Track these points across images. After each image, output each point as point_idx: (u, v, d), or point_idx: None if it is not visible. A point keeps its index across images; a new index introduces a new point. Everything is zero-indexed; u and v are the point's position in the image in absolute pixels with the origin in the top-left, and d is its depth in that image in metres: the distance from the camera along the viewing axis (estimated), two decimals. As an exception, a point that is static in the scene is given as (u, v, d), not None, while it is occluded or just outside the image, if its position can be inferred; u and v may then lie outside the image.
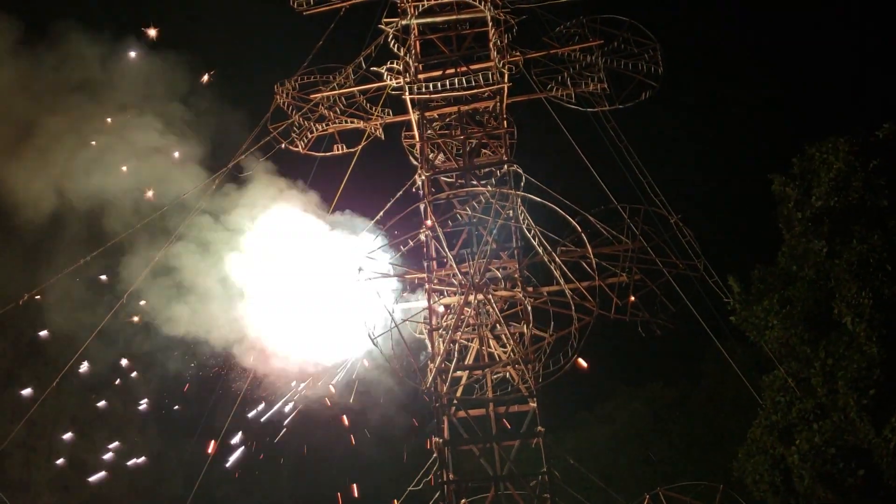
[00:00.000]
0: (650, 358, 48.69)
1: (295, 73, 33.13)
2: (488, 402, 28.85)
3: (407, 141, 33.58)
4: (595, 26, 31.56)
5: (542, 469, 26.82)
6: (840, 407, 22.16)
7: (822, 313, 23.46)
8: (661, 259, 28.98)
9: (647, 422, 45.17)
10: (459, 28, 32.22)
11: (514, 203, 28.43)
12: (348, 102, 33.05)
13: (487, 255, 27.61)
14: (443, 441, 27.23)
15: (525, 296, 28.07)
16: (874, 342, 21.33)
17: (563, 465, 30.57)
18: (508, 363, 28.27)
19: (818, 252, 23.95)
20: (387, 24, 31.55)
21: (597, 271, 27.18)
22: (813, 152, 24.94)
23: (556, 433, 39.62)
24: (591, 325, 26.33)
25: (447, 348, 27.70)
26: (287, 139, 32.88)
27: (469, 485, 28.34)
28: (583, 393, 47.42)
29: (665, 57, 30.89)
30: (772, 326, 24.94)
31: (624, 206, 29.62)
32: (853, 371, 21.63)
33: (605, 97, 31.20)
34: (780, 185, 26.27)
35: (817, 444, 22.59)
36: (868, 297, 21.56)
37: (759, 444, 24.81)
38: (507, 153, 30.99)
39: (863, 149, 23.63)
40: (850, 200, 23.27)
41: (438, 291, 29.19)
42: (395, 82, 31.45)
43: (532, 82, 31.68)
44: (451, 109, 31.54)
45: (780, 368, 25.12)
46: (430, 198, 29.53)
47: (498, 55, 30.38)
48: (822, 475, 22.38)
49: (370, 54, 32.07)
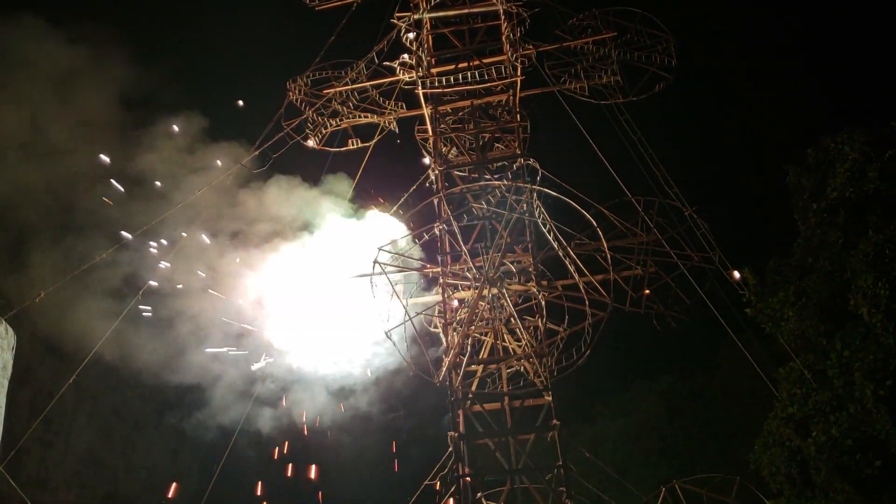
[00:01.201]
0: (665, 351, 48.79)
1: (307, 69, 33.22)
2: (503, 396, 28.90)
3: (420, 135, 33.63)
4: (608, 18, 31.48)
5: (557, 462, 26.83)
6: (857, 398, 22.06)
7: (838, 304, 23.34)
8: (676, 251, 28.94)
9: (663, 414, 45.17)
10: (472, 22, 32.16)
11: (528, 197, 28.43)
12: (361, 97, 33.10)
13: (502, 249, 27.62)
14: (458, 435, 27.29)
15: (539, 290, 28.05)
16: (891, 333, 21.20)
17: (579, 458, 30.60)
18: (523, 357, 28.29)
19: (834, 243, 23.84)
20: (399, 18, 31.57)
21: (611, 264, 27.14)
22: (828, 143, 24.81)
23: (571, 426, 39.71)
24: (605, 318, 26.30)
25: (461, 342, 27.73)
26: (301, 135, 32.96)
27: (485, 478, 28.39)
28: (598, 386, 47.55)
29: (678, 48, 30.83)
30: (787, 318, 24.85)
31: (638, 198, 29.61)
32: (869, 362, 21.52)
33: (618, 89, 31.11)
34: (796, 177, 26.15)
35: (834, 435, 22.50)
36: (884, 287, 21.43)
37: (775, 436, 24.73)
38: (520, 147, 30.99)
39: (878, 139, 23.49)
40: (865, 191, 23.14)
41: (453, 286, 29.22)
42: (408, 77, 31.47)
43: (545, 75, 31.64)
44: (464, 103, 31.53)
45: (796, 360, 25.02)
46: (444, 192, 29.55)
47: (510, 48, 30.33)
48: (838, 467, 22.30)
49: (382, 49, 32.10)
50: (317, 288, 30.17)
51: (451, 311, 28.99)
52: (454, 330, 28.34)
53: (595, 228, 27.25)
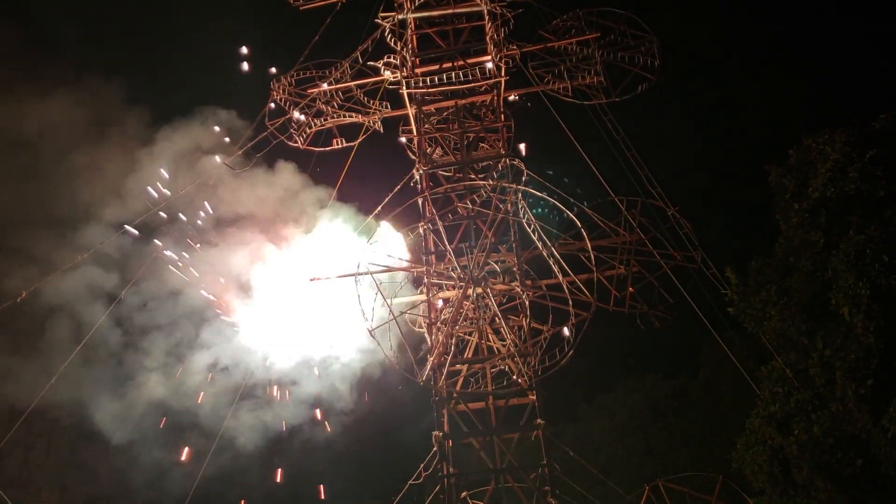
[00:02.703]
0: (649, 350, 48.90)
1: (291, 69, 33.14)
2: (488, 396, 28.93)
3: (405, 135, 33.61)
4: (592, 19, 31.60)
5: (541, 461, 26.88)
6: (838, 397, 22.20)
7: (820, 304, 23.47)
8: (659, 251, 29.05)
9: (647, 413, 45.26)
10: (456, 22, 32.20)
11: (512, 197, 28.47)
12: (346, 97, 33.07)
13: (486, 249, 27.64)
14: (442, 434, 27.31)
15: (523, 289, 28.11)
16: (871, 332, 21.34)
17: (563, 457, 30.64)
18: (507, 356, 28.33)
19: (815, 243, 23.96)
20: (383, 18, 31.58)
21: (595, 264, 27.22)
22: (810, 143, 24.92)
23: (555, 426, 39.67)
24: (589, 318, 26.37)
25: (446, 342, 27.75)
26: (285, 134, 32.87)
27: (469, 477, 28.41)
28: (582, 385, 47.65)
29: (661, 49, 30.94)
30: (769, 317, 24.97)
31: (621, 198, 29.70)
32: (851, 361, 21.66)
33: (601, 90, 31.23)
34: (777, 177, 26.25)
35: (815, 434, 22.62)
36: (865, 287, 21.57)
37: (757, 434, 24.84)
38: (504, 147, 31.02)
39: (860, 139, 23.62)
40: (846, 191, 23.25)
41: (437, 285, 29.23)
42: (393, 77, 31.47)
43: (529, 75, 31.75)
44: (449, 103, 31.57)
45: (778, 359, 25.14)
46: (429, 192, 29.55)
47: (494, 49, 30.40)
48: (820, 465, 22.43)
49: (367, 49, 32.08)
50: (299, 287, 30.11)
51: (436, 310, 29.00)
52: (438, 329, 28.36)
53: (579, 228, 27.34)
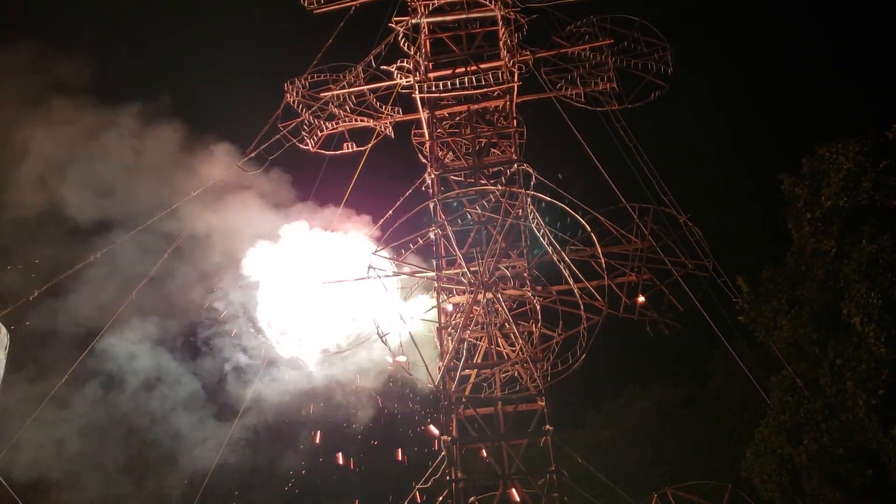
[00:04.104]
0: (658, 357, 48.81)
1: (305, 72, 33.24)
2: (497, 401, 28.92)
3: (417, 139, 33.68)
4: (605, 26, 31.56)
5: (550, 468, 26.86)
6: (848, 407, 22.17)
7: (831, 314, 23.45)
8: (670, 259, 28.98)
9: (655, 421, 45.21)
10: (469, 27, 32.23)
11: (523, 202, 28.47)
12: (358, 101, 33.12)
13: (497, 254, 27.66)
14: (451, 439, 27.31)
15: (534, 295, 28.11)
16: (883, 343, 21.33)
17: (572, 463, 30.61)
18: (517, 362, 28.32)
19: (827, 252, 23.94)
20: (397, 22, 31.64)
21: (606, 270, 27.19)
22: (823, 152, 24.92)
23: (564, 432, 39.74)
24: (599, 324, 26.34)
25: (456, 346, 27.76)
26: (297, 137, 32.97)
27: (477, 483, 28.41)
28: (591, 392, 47.60)
29: (675, 57, 30.94)
30: (780, 327, 24.97)
31: (633, 205, 29.63)
32: (861, 371, 21.64)
33: (614, 97, 31.22)
34: (790, 186, 26.26)
35: (825, 444, 22.61)
36: (877, 297, 21.55)
37: (767, 443, 24.82)
38: (516, 152, 31.04)
39: (873, 149, 23.63)
40: (859, 201, 23.26)
41: (447, 290, 29.27)
42: (406, 81, 31.53)
43: (542, 81, 31.74)
44: (461, 108, 31.58)
45: (789, 368, 25.11)
46: (440, 197, 29.59)
47: (508, 54, 30.41)
48: (829, 475, 22.41)
49: (380, 53, 32.14)
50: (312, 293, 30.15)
51: (446, 315, 29.03)
52: (449, 334, 28.39)
53: (590, 234, 27.32)
